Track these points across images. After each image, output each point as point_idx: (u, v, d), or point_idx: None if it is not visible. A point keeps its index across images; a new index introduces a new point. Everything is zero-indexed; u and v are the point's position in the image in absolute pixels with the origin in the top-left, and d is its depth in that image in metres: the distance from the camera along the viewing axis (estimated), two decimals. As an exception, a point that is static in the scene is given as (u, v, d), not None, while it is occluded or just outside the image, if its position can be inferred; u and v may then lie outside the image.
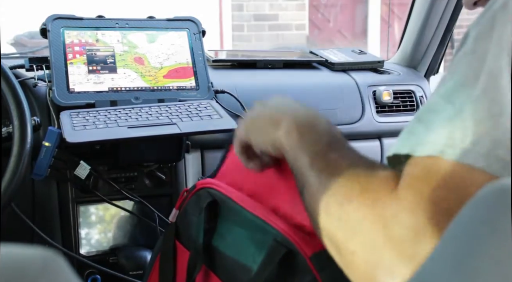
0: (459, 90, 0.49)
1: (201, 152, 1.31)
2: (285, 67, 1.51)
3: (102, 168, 1.19)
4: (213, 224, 0.77)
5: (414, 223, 0.46)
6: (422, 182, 0.47)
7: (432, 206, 0.46)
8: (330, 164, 0.57)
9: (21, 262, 0.36)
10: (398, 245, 0.47)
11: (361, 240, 0.50)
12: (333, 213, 0.53)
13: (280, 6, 4.39)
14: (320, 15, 4.68)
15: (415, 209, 0.46)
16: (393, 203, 0.48)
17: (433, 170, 0.47)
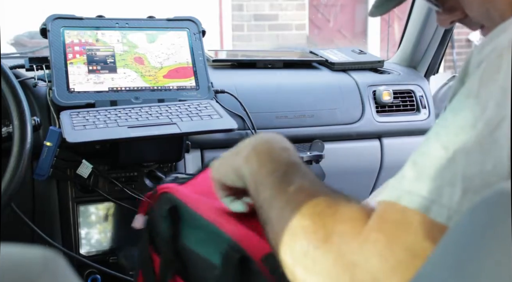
0: (456, 136, 0.47)
1: (201, 151, 1.31)
2: (285, 67, 1.51)
3: (102, 167, 1.19)
4: (175, 228, 0.77)
5: (384, 267, 0.45)
6: (398, 228, 0.46)
7: (403, 252, 0.45)
8: (290, 200, 0.55)
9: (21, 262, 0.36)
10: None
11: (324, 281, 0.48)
12: (297, 256, 0.51)
13: (280, 6, 4.39)
14: (320, 15, 4.68)
15: (386, 253, 0.45)
16: (362, 248, 0.46)
17: (413, 222, 0.45)
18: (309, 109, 1.38)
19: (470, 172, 0.44)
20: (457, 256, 0.39)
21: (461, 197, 0.44)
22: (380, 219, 0.47)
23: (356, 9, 4.82)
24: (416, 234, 0.45)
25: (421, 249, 0.44)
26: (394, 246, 0.45)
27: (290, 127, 1.35)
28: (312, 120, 1.37)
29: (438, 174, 0.46)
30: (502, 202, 0.38)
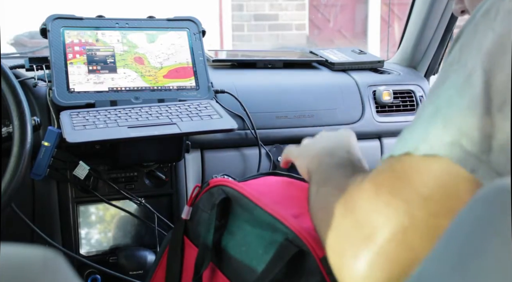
0: (440, 97, 0.51)
1: (201, 152, 1.31)
2: (285, 67, 1.51)
3: (102, 168, 1.19)
4: (224, 221, 0.78)
5: (373, 209, 0.50)
6: (384, 174, 0.51)
7: (389, 196, 0.49)
8: (327, 177, 0.63)
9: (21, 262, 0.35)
10: (360, 228, 0.50)
11: (335, 233, 0.53)
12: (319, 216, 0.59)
13: (280, 6, 4.39)
14: (320, 15, 4.68)
15: (373, 197, 0.50)
16: (358, 192, 0.53)
17: (399, 165, 0.50)
18: (309, 109, 1.38)
19: (450, 111, 0.49)
20: (458, 253, 0.39)
21: (441, 131, 0.48)
22: (375, 170, 0.54)
23: (356, 9, 4.82)
24: (400, 172, 0.50)
25: (402, 187, 0.49)
26: (381, 189, 0.51)
27: (290, 127, 1.35)
28: (312, 120, 1.37)
29: (425, 123, 0.50)
30: (502, 199, 0.38)
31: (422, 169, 0.48)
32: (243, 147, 1.33)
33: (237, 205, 0.77)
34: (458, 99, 0.49)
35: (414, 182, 0.48)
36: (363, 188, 0.52)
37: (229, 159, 1.33)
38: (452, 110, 0.49)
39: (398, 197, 0.49)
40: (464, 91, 0.48)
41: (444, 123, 0.48)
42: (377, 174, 0.53)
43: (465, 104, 0.48)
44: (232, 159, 1.33)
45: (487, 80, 0.48)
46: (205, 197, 0.84)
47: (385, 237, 0.48)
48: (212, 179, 0.84)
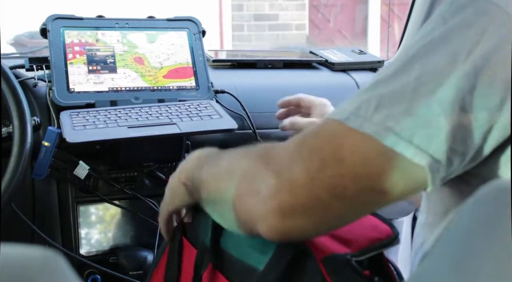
0: (380, 74, 0.59)
1: (201, 152, 1.31)
2: (285, 67, 1.51)
3: (102, 168, 1.19)
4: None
5: (291, 160, 0.56)
6: (311, 134, 0.58)
7: (307, 153, 0.56)
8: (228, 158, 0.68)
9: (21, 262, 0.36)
10: (277, 176, 0.56)
11: (246, 182, 0.60)
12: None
13: (280, 6, 4.39)
14: (320, 15, 4.68)
15: (294, 151, 0.57)
16: (278, 148, 0.60)
17: (329, 128, 0.57)
18: (309, 109, 1.38)
19: (383, 92, 0.56)
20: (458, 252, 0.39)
21: (373, 111, 0.55)
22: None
23: (356, 9, 4.82)
24: (315, 132, 0.58)
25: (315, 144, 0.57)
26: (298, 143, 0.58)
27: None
28: (312, 120, 1.37)
29: (359, 97, 0.57)
30: (501, 198, 0.38)
31: (345, 137, 0.55)
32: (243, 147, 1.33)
33: None
34: (390, 80, 0.57)
35: (333, 146, 0.55)
36: (285, 145, 0.59)
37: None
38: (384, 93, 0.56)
39: (316, 155, 0.56)
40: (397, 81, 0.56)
41: (376, 104, 0.55)
42: (305, 134, 0.59)
43: (396, 87, 0.56)
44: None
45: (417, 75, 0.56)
46: None
47: (299, 183, 0.55)
48: None
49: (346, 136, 0.55)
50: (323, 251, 0.64)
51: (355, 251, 0.65)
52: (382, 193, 0.55)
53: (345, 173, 0.54)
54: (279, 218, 0.56)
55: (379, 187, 0.54)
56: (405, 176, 0.54)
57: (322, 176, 0.55)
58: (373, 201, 0.57)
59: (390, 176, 0.54)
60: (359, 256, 0.64)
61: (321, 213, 0.56)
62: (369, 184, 0.54)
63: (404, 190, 0.56)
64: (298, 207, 0.55)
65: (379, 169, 0.54)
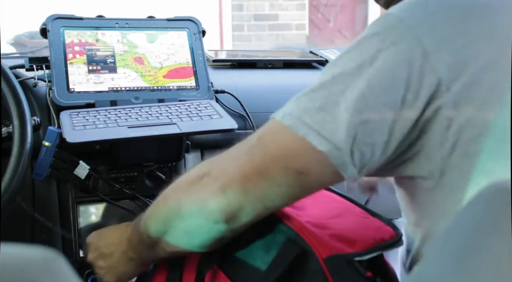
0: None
1: (201, 152, 1.31)
2: (285, 67, 1.51)
3: (102, 168, 1.19)
4: None
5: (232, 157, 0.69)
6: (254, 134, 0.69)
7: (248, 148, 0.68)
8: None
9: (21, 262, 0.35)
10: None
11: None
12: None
13: (280, 6, 4.39)
14: (320, 15, 4.68)
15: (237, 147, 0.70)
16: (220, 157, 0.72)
17: (269, 126, 0.69)
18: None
19: (307, 91, 0.69)
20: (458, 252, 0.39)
21: (295, 106, 0.67)
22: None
23: (356, 9, 4.82)
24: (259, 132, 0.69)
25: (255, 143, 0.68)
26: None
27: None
28: (312, 120, 1.37)
29: (296, 99, 0.69)
30: (501, 198, 0.38)
31: (271, 128, 0.68)
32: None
33: None
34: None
35: (262, 134, 0.68)
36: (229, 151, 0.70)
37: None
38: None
39: (247, 142, 0.69)
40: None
41: (299, 102, 0.66)
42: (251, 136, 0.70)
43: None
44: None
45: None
46: None
47: (233, 166, 0.67)
48: None
49: (272, 127, 0.67)
50: (326, 251, 0.64)
51: (358, 251, 0.65)
52: (298, 174, 0.64)
53: (266, 154, 0.65)
54: (221, 197, 0.66)
55: (294, 167, 0.64)
56: (315, 161, 0.63)
57: (250, 158, 0.66)
58: (293, 181, 0.65)
59: (302, 159, 0.64)
60: (362, 256, 0.64)
61: (252, 191, 0.65)
62: (285, 164, 0.64)
63: (319, 173, 0.64)
64: (234, 185, 0.65)
65: (293, 152, 0.64)
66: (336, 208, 0.78)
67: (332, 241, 0.66)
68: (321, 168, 0.63)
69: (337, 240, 0.66)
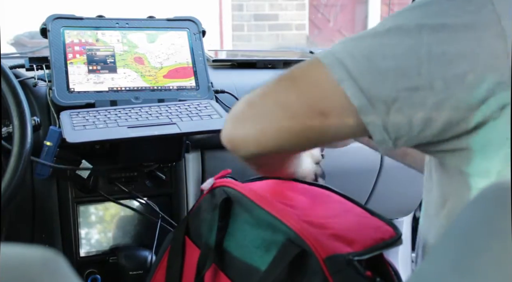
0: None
1: (201, 152, 1.31)
2: (285, 67, 1.51)
3: (102, 168, 1.19)
4: (225, 222, 0.78)
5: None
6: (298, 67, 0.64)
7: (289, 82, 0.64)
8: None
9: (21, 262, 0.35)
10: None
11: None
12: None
13: (280, 6, 4.39)
14: (320, 15, 4.67)
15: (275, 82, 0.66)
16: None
17: (311, 62, 0.63)
18: (309, 109, 1.38)
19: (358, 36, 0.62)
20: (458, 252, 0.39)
21: (342, 48, 0.60)
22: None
23: (356, 9, 4.82)
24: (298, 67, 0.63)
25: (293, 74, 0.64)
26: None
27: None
28: (312, 120, 1.37)
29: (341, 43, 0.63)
30: (501, 196, 0.38)
31: (309, 64, 0.62)
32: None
33: (238, 205, 0.77)
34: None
35: (295, 69, 0.63)
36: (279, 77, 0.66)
37: (229, 159, 1.32)
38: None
39: (281, 75, 0.64)
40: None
41: (352, 47, 0.60)
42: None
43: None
44: (232, 159, 1.32)
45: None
46: (207, 198, 0.84)
47: (256, 94, 0.67)
48: (217, 180, 0.84)
49: (310, 64, 0.62)
50: (326, 250, 0.64)
51: (358, 250, 0.65)
52: (321, 115, 0.60)
53: (292, 88, 0.61)
54: (231, 124, 0.66)
55: (318, 107, 0.59)
56: (342, 108, 0.59)
57: (273, 88, 0.64)
58: (313, 122, 0.60)
59: (330, 102, 0.59)
60: (362, 255, 0.64)
61: (265, 121, 0.62)
62: (310, 102, 0.60)
63: (342, 122, 0.60)
64: (248, 114, 0.64)
65: (322, 93, 0.60)
66: (336, 207, 0.78)
67: (332, 241, 0.66)
68: (346, 117, 0.59)
69: (337, 240, 0.66)
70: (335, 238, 0.67)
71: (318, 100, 0.60)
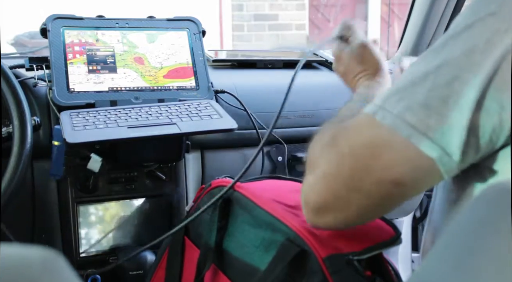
0: (413, 73, 0.59)
1: (201, 152, 1.31)
2: (285, 67, 1.51)
3: (102, 168, 1.19)
4: (224, 222, 0.78)
5: (321, 149, 0.63)
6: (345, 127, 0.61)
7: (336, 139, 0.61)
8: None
9: (21, 262, 0.35)
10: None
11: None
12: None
13: (280, 6, 4.39)
14: (320, 15, 4.67)
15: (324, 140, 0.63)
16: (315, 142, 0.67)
17: (355, 120, 0.60)
18: (309, 109, 1.38)
19: (402, 83, 0.58)
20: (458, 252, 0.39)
21: (396, 103, 0.57)
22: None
23: (356, 9, 4.82)
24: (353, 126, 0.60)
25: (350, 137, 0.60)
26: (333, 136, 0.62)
27: (290, 127, 1.35)
28: (312, 120, 1.37)
29: (388, 92, 0.60)
30: (501, 198, 0.38)
31: (367, 127, 0.58)
32: (243, 147, 1.33)
33: (237, 205, 0.77)
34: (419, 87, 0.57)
35: (355, 134, 0.59)
36: (321, 136, 0.66)
37: (229, 159, 1.33)
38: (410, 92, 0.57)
39: (338, 150, 0.60)
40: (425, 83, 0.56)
41: (398, 98, 0.57)
42: (340, 125, 0.63)
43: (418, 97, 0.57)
44: (232, 159, 1.33)
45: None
46: (206, 198, 0.84)
47: (322, 181, 0.60)
48: (214, 180, 0.84)
49: (369, 129, 0.58)
50: (325, 250, 0.64)
51: (357, 250, 0.65)
52: (396, 186, 0.56)
53: (359, 166, 0.57)
54: (313, 215, 0.61)
55: (390, 178, 0.56)
56: (416, 167, 0.56)
57: (340, 171, 0.58)
58: (389, 193, 0.57)
59: (401, 167, 0.56)
60: (361, 255, 0.64)
61: (344, 208, 0.59)
62: (380, 177, 0.56)
63: (417, 181, 0.57)
64: (322, 205, 0.59)
65: (391, 160, 0.56)
66: None
67: (331, 241, 0.66)
68: (420, 174, 0.56)
69: (336, 239, 0.66)
70: (334, 237, 0.67)
71: (389, 167, 0.56)
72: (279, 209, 0.72)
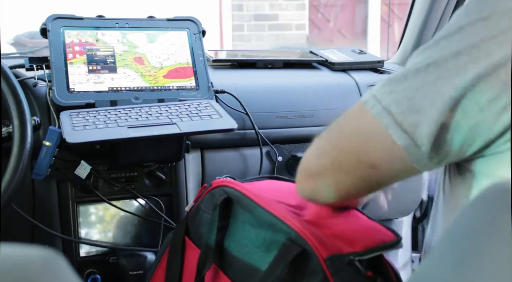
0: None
1: (201, 152, 1.31)
2: (285, 67, 1.51)
3: (102, 167, 1.19)
4: (225, 222, 0.78)
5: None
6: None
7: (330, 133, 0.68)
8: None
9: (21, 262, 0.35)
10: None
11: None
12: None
13: (280, 6, 4.39)
14: (320, 15, 4.67)
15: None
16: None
17: (355, 107, 0.66)
18: (309, 109, 1.38)
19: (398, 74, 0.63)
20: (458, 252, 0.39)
21: (387, 95, 0.62)
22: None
23: (356, 9, 4.81)
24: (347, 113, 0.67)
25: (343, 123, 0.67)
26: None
27: (290, 127, 1.35)
28: (312, 120, 1.37)
29: (383, 82, 0.65)
30: (501, 198, 0.38)
31: (359, 114, 0.64)
32: (243, 147, 1.33)
33: (238, 205, 0.77)
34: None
35: (349, 120, 0.66)
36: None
37: (229, 159, 1.33)
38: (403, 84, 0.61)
39: (333, 132, 0.67)
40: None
41: (390, 90, 0.61)
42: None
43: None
44: (232, 159, 1.33)
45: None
46: (207, 198, 0.84)
47: (314, 153, 0.68)
48: (215, 180, 0.84)
49: (359, 117, 0.64)
50: (326, 250, 0.64)
51: (358, 251, 0.65)
52: (372, 168, 0.62)
53: (345, 147, 0.64)
54: (300, 179, 0.69)
55: (367, 161, 0.62)
56: (390, 155, 0.61)
57: (330, 148, 0.65)
58: (367, 175, 0.63)
59: (378, 153, 0.61)
60: (362, 256, 0.64)
61: (326, 178, 0.66)
62: (358, 158, 0.63)
63: (392, 168, 0.62)
64: (309, 171, 0.67)
65: (371, 147, 0.62)
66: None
67: (333, 241, 0.66)
68: (395, 162, 0.61)
69: (338, 240, 0.66)
70: (335, 238, 0.67)
71: (368, 153, 0.62)
72: (280, 208, 0.72)
